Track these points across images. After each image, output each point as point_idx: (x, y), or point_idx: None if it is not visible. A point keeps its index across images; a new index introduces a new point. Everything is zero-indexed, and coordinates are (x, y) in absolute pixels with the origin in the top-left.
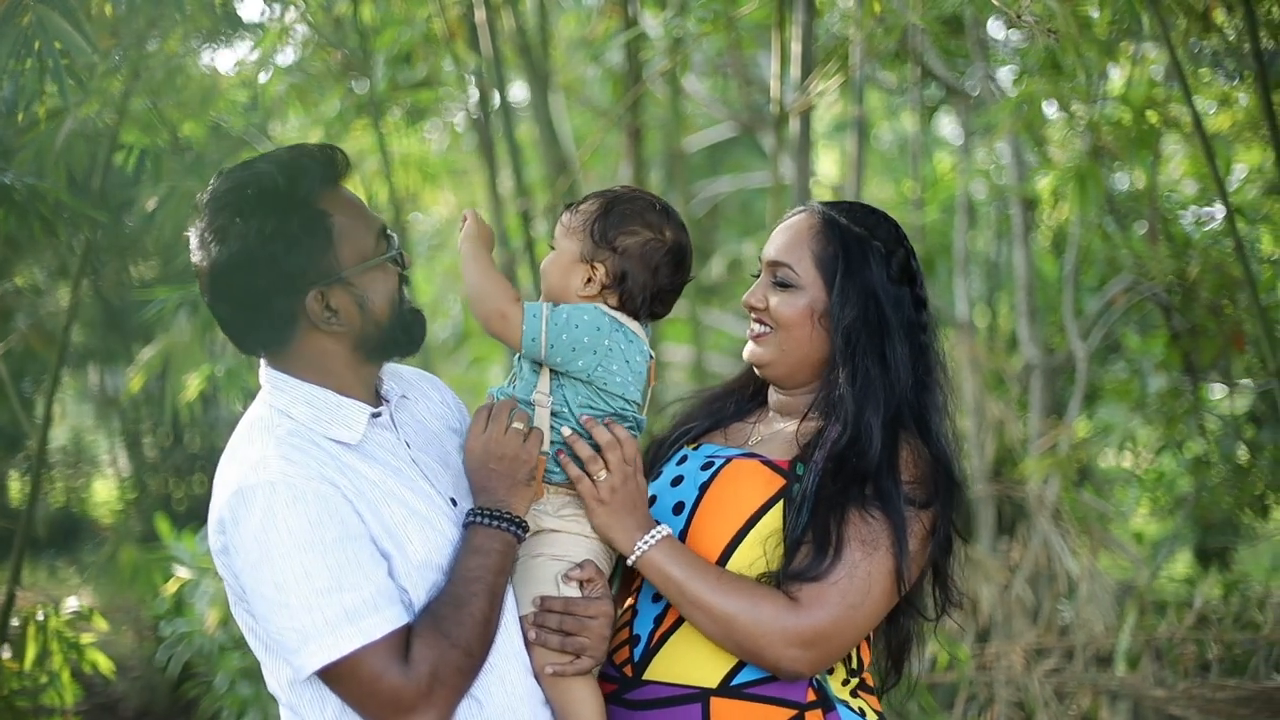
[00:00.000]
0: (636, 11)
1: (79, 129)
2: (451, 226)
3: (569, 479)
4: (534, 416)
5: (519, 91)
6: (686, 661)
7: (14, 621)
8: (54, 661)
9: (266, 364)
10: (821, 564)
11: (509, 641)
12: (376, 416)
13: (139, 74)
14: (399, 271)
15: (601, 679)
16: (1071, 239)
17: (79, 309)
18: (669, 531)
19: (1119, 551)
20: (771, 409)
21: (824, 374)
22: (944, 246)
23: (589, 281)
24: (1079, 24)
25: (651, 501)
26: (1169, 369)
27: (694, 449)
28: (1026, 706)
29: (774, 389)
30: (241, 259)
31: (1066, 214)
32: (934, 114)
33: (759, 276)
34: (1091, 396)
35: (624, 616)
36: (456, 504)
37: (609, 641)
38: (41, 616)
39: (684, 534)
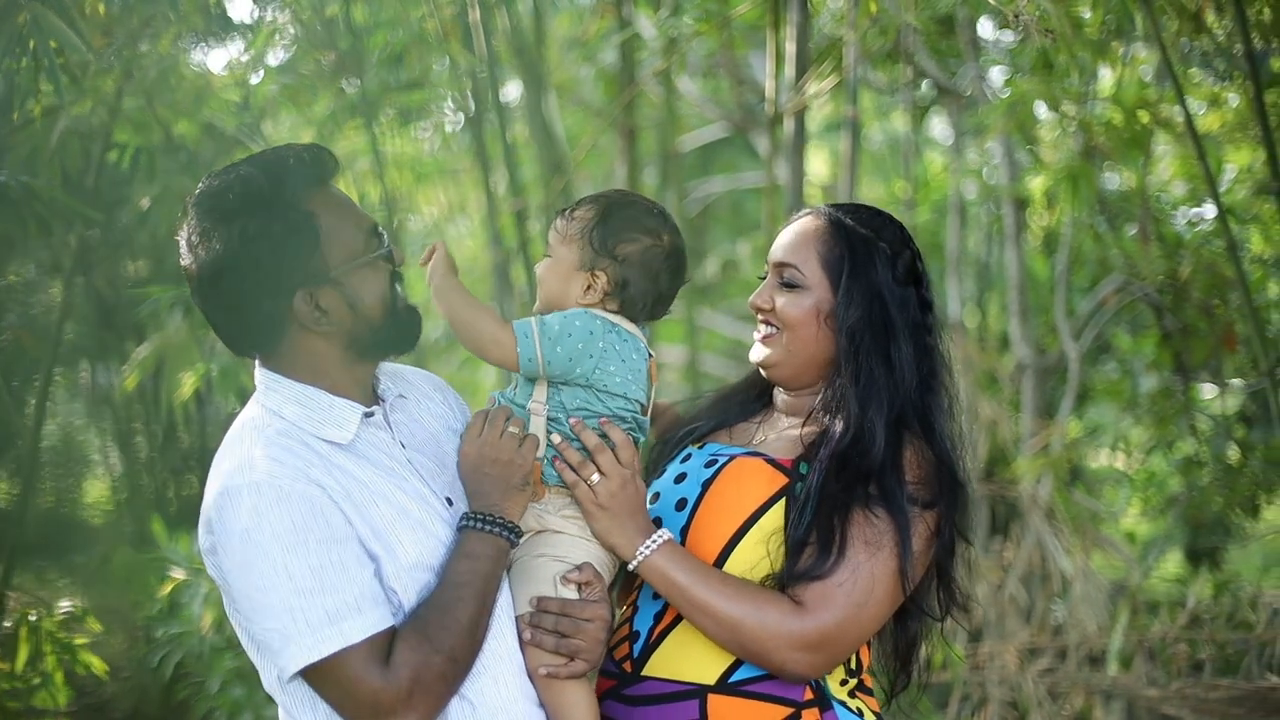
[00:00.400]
0: (631, 13)
1: (73, 127)
2: (444, 227)
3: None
4: (529, 423)
5: (513, 91)
6: (685, 658)
7: (5, 623)
8: (47, 663)
9: (260, 365)
10: (825, 564)
11: (503, 642)
12: (369, 416)
13: (132, 73)
14: (391, 270)
15: (601, 675)
16: (1063, 239)
17: (71, 306)
18: (670, 536)
19: (1112, 551)
20: (777, 409)
21: (829, 374)
22: (935, 246)
23: (589, 289)
24: (1071, 24)
25: (654, 498)
26: (1160, 369)
27: (699, 447)
28: (1020, 706)
29: (780, 390)
30: (227, 262)
31: (1058, 215)
32: (926, 114)
33: (765, 278)
34: (1082, 396)
35: (624, 614)
36: (453, 504)
37: (604, 646)
38: (34, 618)
39: (685, 530)
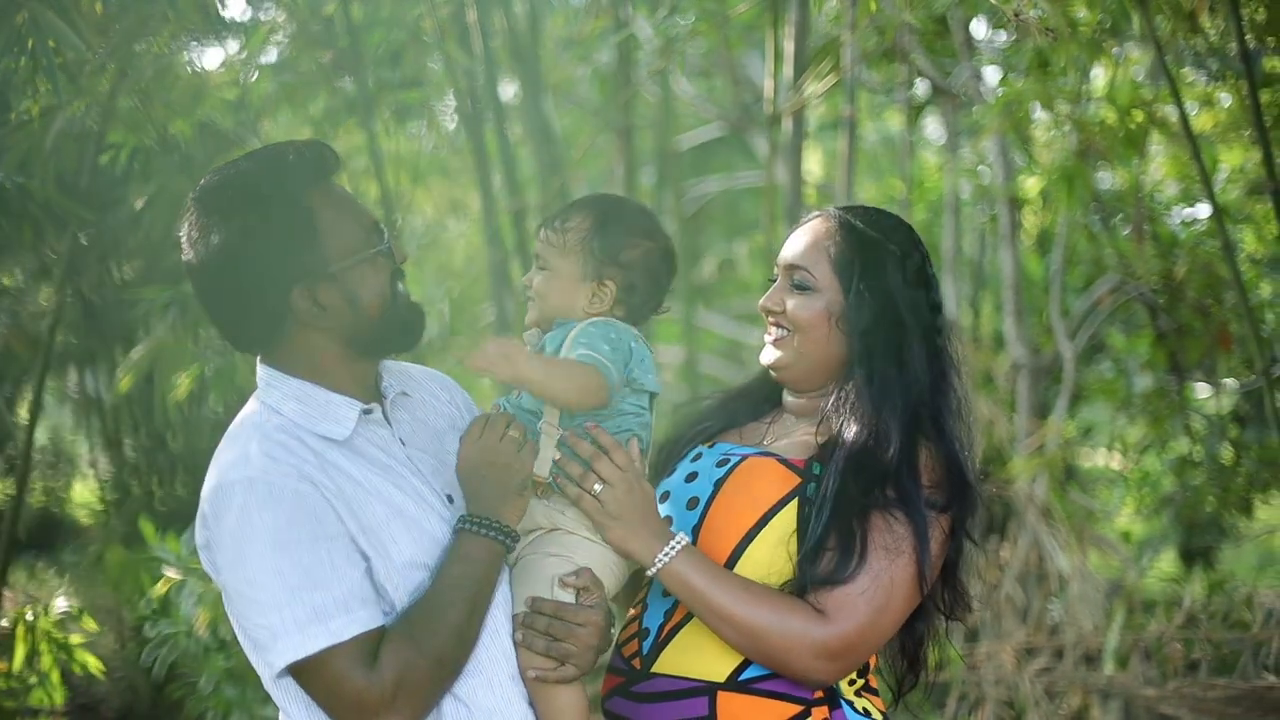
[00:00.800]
0: (629, 15)
1: (67, 128)
2: (441, 225)
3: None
4: (540, 441)
5: (509, 90)
6: (695, 655)
7: (2, 622)
8: (43, 662)
9: (261, 361)
10: (846, 569)
11: (498, 643)
12: (368, 413)
13: (127, 72)
14: (392, 267)
15: (609, 672)
16: (1058, 239)
17: (64, 310)
18: (687, 540)
19: (1108, 550)
20: (786, 411)
21: (839, 376)
22: (930, 246)
23: (595, 298)
24: (1068, 24)
25: (664, 497)
26: (1155, 369)
27: (709, 447)
28: (1017, 706)
29: (788, 391)
30: (225, 257)
31: (1053, 214)
32: (921, 113)
33: (775, 280)
34: (1076, 396)
35: (633, 611)
36: (454, 501)
37: (596, 652)
38: (31, 617)
39: (697, 529)
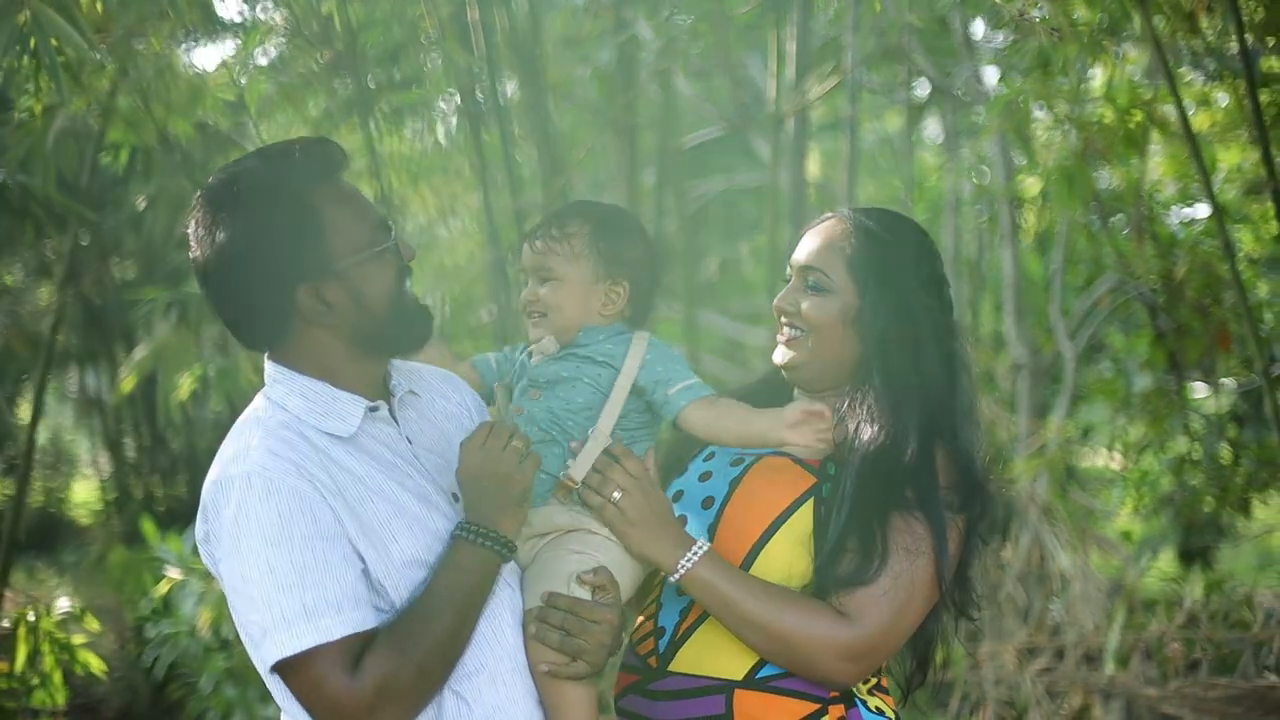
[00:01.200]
0: (631, 15)
1: (68, 127)
2: (439, 224)
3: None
4: (587, 446)
5: (510, 90)
6: (712, 654)
7: (4, 623)
8: (45, 663)
9: (269, 357)
10: (868, 571)
11: (503, 641)
12: (374, 410)
13: (127, 71)
14: (399, 265)
15: (623, 670)
16: (1058, 238)
17: (64, 309)
18: (708, 545)
19: (1109, 550)
20: None
21: (852, 377)
22: None
23: (607, 303)
24: (1069, 23)
25: (678, 496)
26: (1154, 368)
27: (721, 446)
28: (1018, 705)
29: (799, 392)
30: (230, 255)
31: (1053, 214)
32: (921, 114)
33: (789, 281)
34: (1076, 396)
35: (648, 609)
36: (459, 499)
37: (608, 651)
38: (33, 618)
39: (713, 528)
